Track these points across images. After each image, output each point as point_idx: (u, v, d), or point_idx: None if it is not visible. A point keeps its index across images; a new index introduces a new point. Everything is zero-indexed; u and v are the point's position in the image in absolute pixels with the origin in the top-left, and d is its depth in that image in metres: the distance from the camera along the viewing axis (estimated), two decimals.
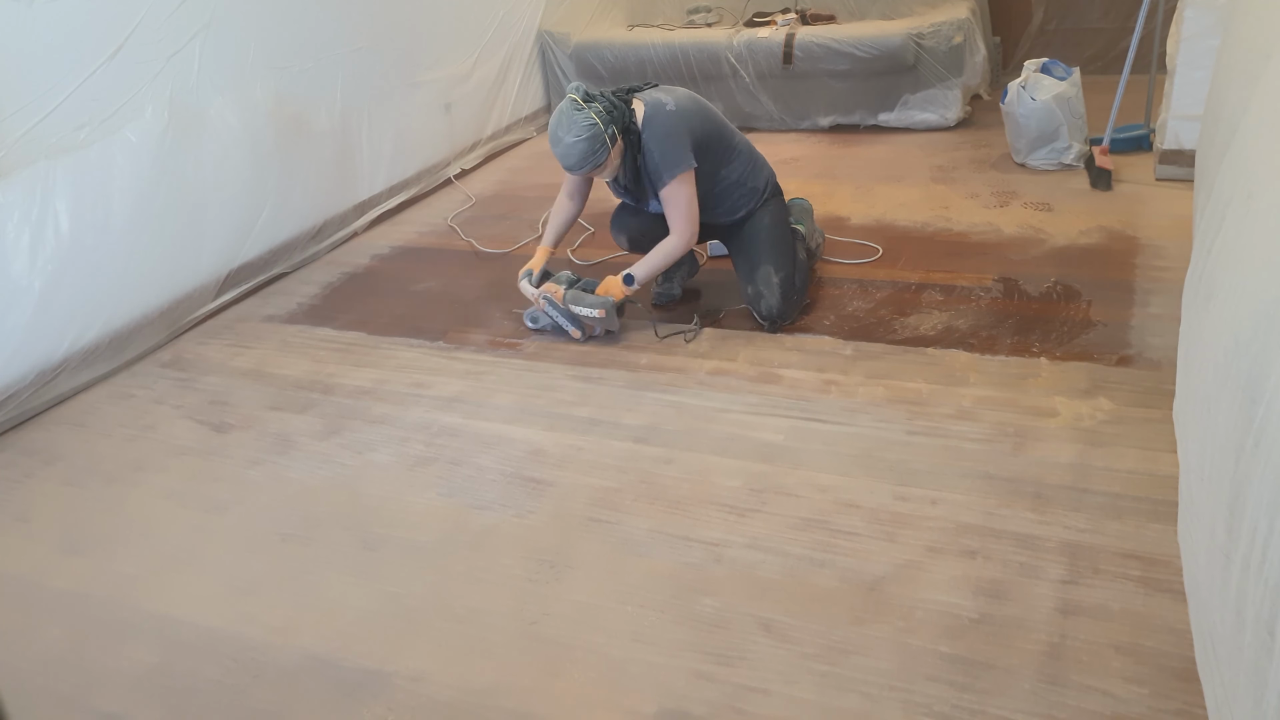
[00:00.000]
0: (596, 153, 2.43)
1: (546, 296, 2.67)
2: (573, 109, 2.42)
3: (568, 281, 2.70)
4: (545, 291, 2.68)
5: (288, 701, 1.60)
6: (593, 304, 2.62)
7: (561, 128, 2.43)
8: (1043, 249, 2.99)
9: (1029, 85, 3.51)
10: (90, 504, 2.20)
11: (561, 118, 2.44)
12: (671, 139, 2.51)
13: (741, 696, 1.52)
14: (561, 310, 2.66)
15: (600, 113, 2.42)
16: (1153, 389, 2.19)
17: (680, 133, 2.52)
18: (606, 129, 2.42)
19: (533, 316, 2.77)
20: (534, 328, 2.78)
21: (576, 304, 2.63)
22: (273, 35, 3.23)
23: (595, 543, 1.90)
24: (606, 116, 2.42)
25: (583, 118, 2.40)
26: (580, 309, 2.63)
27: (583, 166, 2.46)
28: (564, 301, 2.64)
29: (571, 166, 2.48)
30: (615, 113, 2.45)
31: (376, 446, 2.30)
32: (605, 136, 2.42)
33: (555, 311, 2.67)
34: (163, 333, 2.94)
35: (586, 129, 2.40)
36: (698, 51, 4.51)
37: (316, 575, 1.90)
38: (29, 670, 1.73)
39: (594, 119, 2.40)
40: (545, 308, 2.69)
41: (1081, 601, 1.62)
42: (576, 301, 2.63)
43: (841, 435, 2.16)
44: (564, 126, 2.43)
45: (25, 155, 2.50)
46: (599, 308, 2.61)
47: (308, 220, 3.48)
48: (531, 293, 2.72)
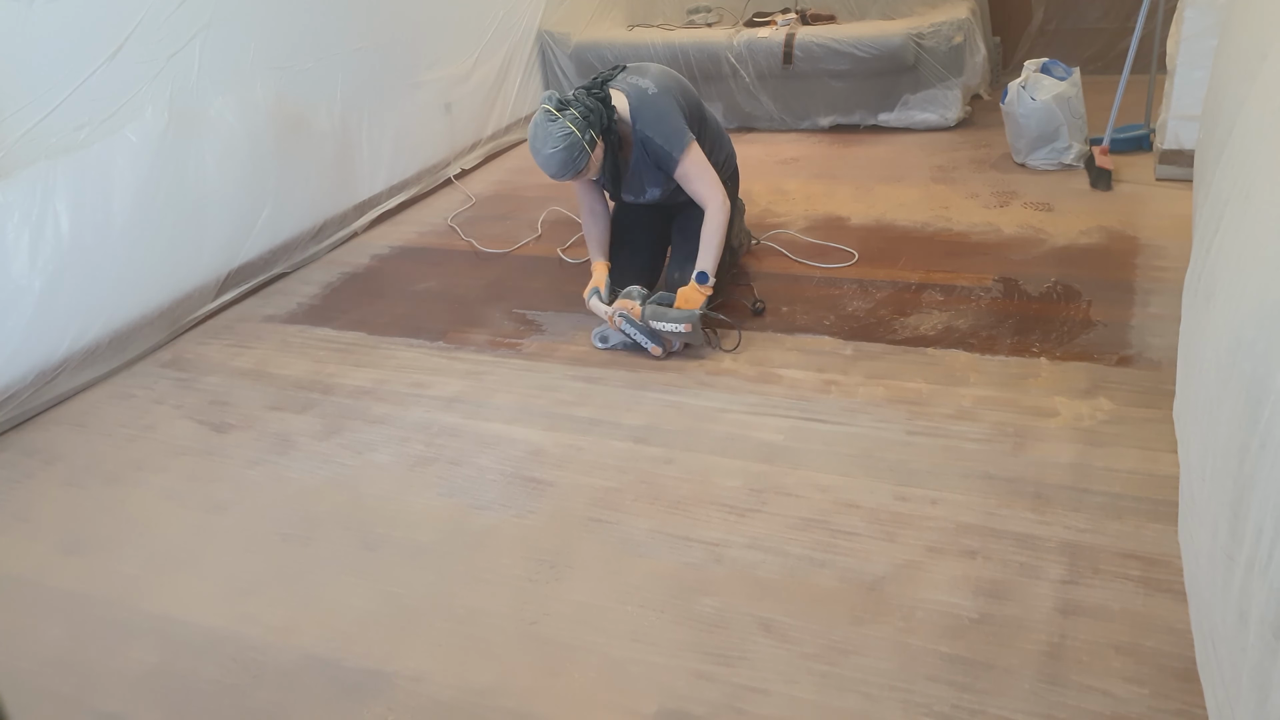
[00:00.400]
0: (576, 160, 2.44)
1: (623, 314, 2.55)
2: (547, 120, 2.43)
3: (640, 297, 2.59)
4: (620, 309, 2.56)
5: (288, 701, 1.60)
6: (677, 319, 2.51)
7: (538, 140, 2.44)
8: (1043, 249, 2.99)
9: (1029, 85, 3.51)
10: (90, 504, 2.20)
11: (537, 130, 2.45)
12: (666, 119, 2.53)
13: (741, 696, 1.52)
14: (640, 327, 2.54)
15: (575, 119, 2.42)
16: (1153, 389, 2.18)
17: (672, 110, 2.55)
18: (584, 135, 2.42)
19: (602, 336, 2.67)
20: (604, 347, 2.66)
21: (658, 319, 2.52)
22: (273, 35, 3.23)
23: (595, 543, 1.90)
24: (583, 122, 2.43)
25: (557, 127, 2.41)
26: (663, 325, 2.52)
27: (564, 174, 2.47)
28: (643, 318, 2.53)
29: (553, 175, 2.49)
30: (592, 116, 2.45)
31: (376, 446, 2.30)
32: (583, 143, 2.42)
33: (633, 329, 2.55)
34: (163, 333, 2.94)
35: (563, 138, 2.41)
36: (698, 51, 4.51)
37: (316, 575, 1.90)
38: (29, 670, 1.73)
39: (569, 127, 2.41)
40: (621, 325, 2.56)
41: (1081, 601, 1.62)
42: (658, 317, 2.52)
43: (841, 435, 2.16)
44: (540, 138, 2.44)
45: (25, 155, 2.50)
46: (685, 322, 2.50)
47: (308, 220, 3.48)
48: (604, 311, 2.61)
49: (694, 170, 2.55)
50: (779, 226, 3.37)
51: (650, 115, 2.52)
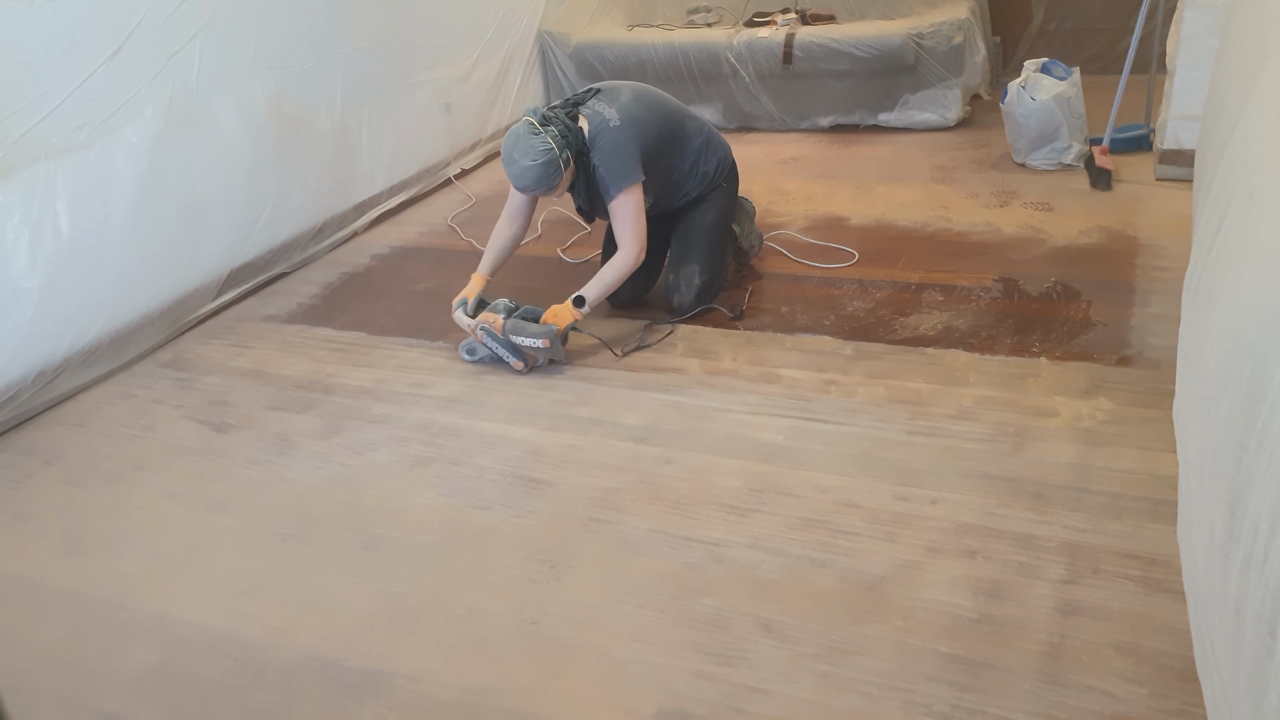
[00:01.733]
0: (550, 176, 2.46)
1: (484, 327, 2.52)
2: (530, 132, 2.44)
3: (505, 310, 2.56)
4: (482, 321, 2.53)
5: (288, 701, 1.60)
6: (535, 333, 2.48)
7: (518, 150, 2.45)
8: (1043, 249, 2.99)
9: (1029, 85, 3.51)
10: (90, 504, 2.20)
11: (518, 141, 2.45)
12: (615, 154, 2.53)
13: (741, 696, 1.52)
14: (501, 341, 2.51)
15: (556, 137, 2.44)
16: (1153, 389, 2.18)
17: (626, 147, 2.53)
18: (561, 153, 2.45)
19: (469, 348, 2.63)
20: (470, 360, 2.62)
21: (518, 334, 2.49)
22: (272, 35, 3.23)
23: (595, 543, 1.90)
24: (562, 141, 2.45)
25: (539, 141, 2.43)
26: (522, 339, 2.49)
27: (536, 188, 2.50)
28: (504, 332, 2.50)
29: (525, 188, 2.51)
30: (570, 136, 2.48)
31: (376, 446, 2.30)
32: (560, 161, 2.45)
33: (494, 343, 2.52)
34: (163, 333, 2.94)
35: (543, 153, 2.42)
36: (698, 51, 4.51)
37: (316, 575, 1.90)
38: (29, 670, 1.73)
39: (550, 144, 2.43)
40: (484, 339, 2.54)
41: (1081, 601, 1.62)
42: (518, 331, 2.49)
43: (841, 435, 2.16)
44: (520, 149, 2.44)
45: (25, 155, 2.50)
46: (542, 337, 2.48)
47: (308, 220, 3.48)
48: (467, 323, 2.59)
49: (624, 211, 2.55)
50: (779, 226, 3.37)
51: (604, 147, 2.53)
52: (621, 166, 2.53)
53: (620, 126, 2.54)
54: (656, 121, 2.65)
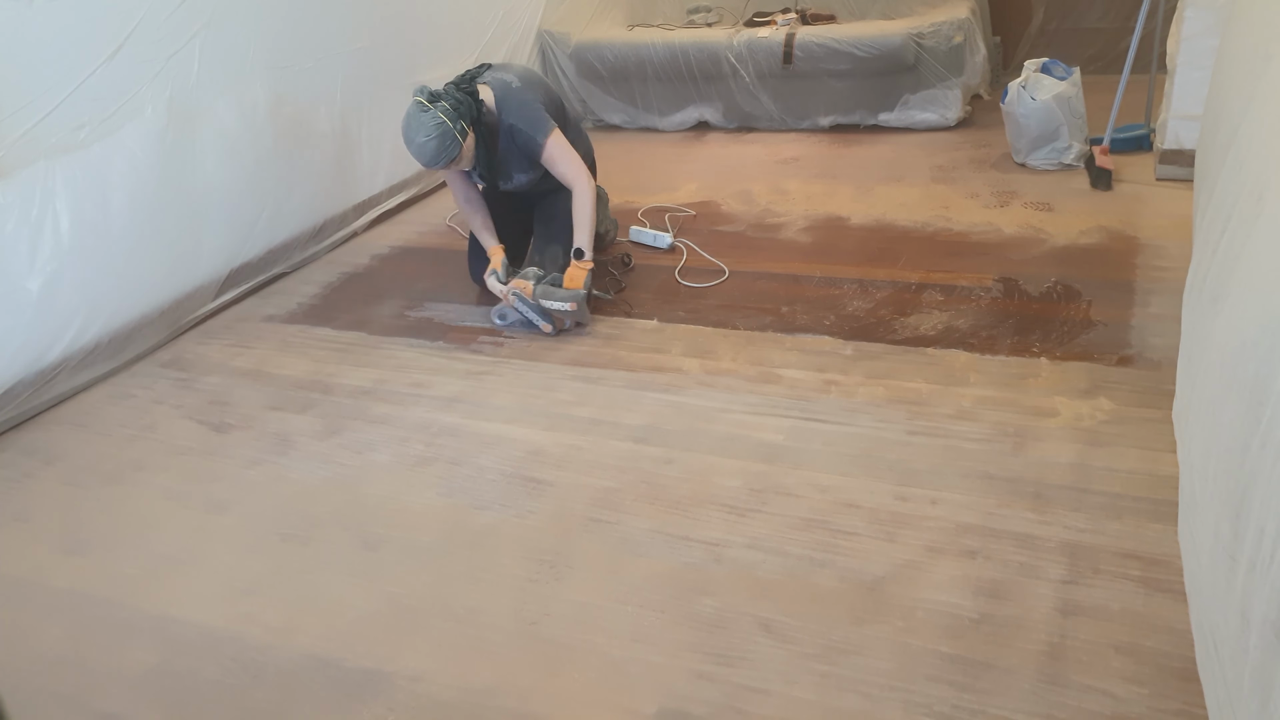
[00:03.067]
0: (448, 148, 2.56)
1: (516, 292, 2.70)
2: (419, 110, 2.55)
3: (535, 277, 2.73)
4: (514, 288, 2.71)
5: (288, 701, 1.60)
6: (564, 297, 2.67)
7: (411, 129, 2.56)
8: (1043, 249, 2.99)
9: (1029, 85, 3.51)
10: (90, 504, 2.20)
11: (410, 120, 2.56)
12: (528, 108, 2.72)
13: (741, 696, 1.52)
14: (532, 305, 2.69)
15: (447, 110, 2.55)
16: (1153, 389, 2.18)
17: (534, 101, 2.74)
18: (455, 124, 2.55)
19: (501, 314, 2.81)
20: (502, 324, 2.82)
21: (547, 298, 2.68)
22: (273, 35, 3.23)
23: (595, 543, 1.90)
24: (454, 113, 2.56)
25: (429, 117, 2.53)
26: (551, 303, 2.68)
27: (437, 162, 2.59)
28: (534, 296, 2.68)
29: (427, 163, 2.61)
30: (462, 108, 2.59)
31: (376, 446, 2.30)
32: (455, 132, 2.55)
33: (525, 307, 2.70)
34: (163, 333, 2.94)
35: (435, 128, 2.53)
36: (698, 51, 4.50)
37: (316, 575, 1.90)
38: (29, 670, 1.73)
39: (441, 117, 2.53)
40: (515, 303, 2.72)
41: (1081, 601, 1.62)
42: (547, 296, 2.68)
43: (841, 435, 2.16)
44: (413, 128, 2.55)
45: (25, 155, 2.49)
46: (570, 300, 2.67)
47: (308, 220, 3.48)
48: (500, 289, 2.77)
49: (558, 153, 2.72)
50: (779, 226, 3.38)
51: (514, 104, 2.70)
52: (537, 116, 2.72)
53: (522, 86, 2.75)
54: (546, 89, 2.88)
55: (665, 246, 3.26)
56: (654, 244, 3.29)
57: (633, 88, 4.74)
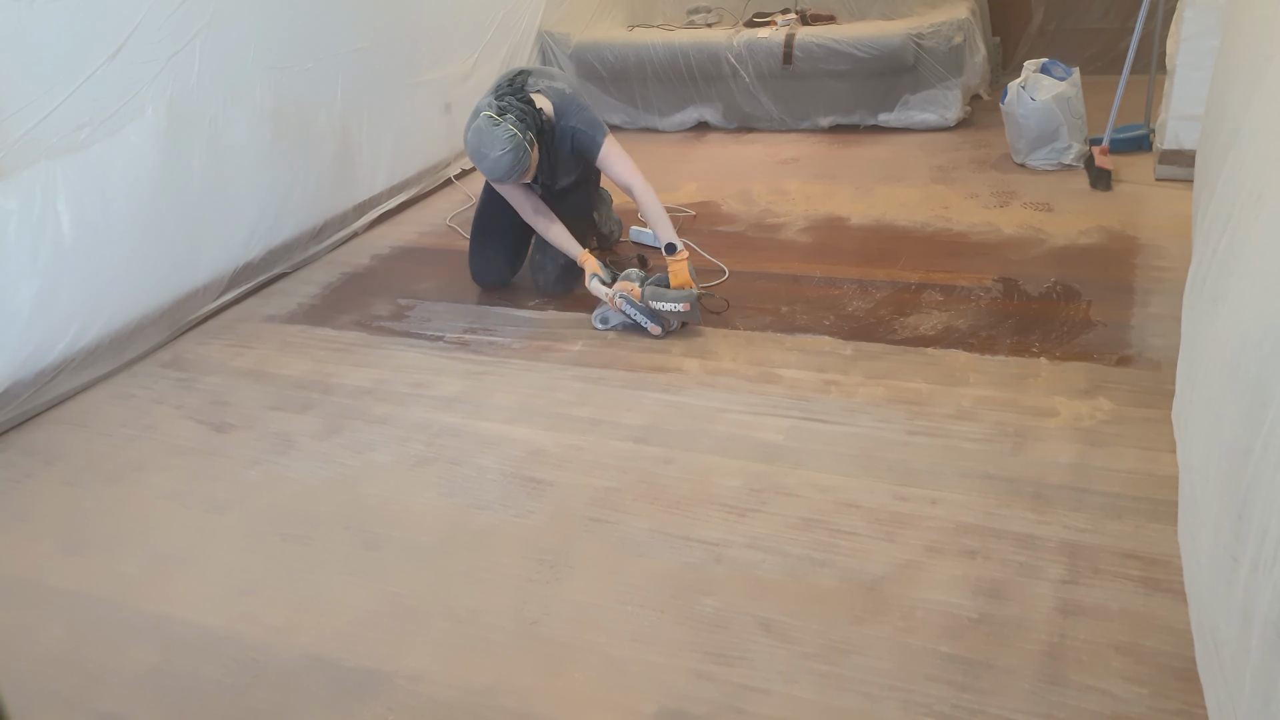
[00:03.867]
0: (521, 161, 2.57)
1: (624, 295, 2.67)
2: (491, 125, 2.56)
3: (638, 278, 2.72)
4: (621, 290, 2.68)
5: (288, 701, 1.60)
6: (677, 299, 2.63)
7: (485, 144, 2.56)
8: (1043, 249, 2.99)
9: (1029, 85, 3.51)
10: (90, 504, 2.20)
11: (483, 135, 2.56)
12: (586, 111, 2.77)
13: (741, 696, 1.52)
14: (640, 307, 2.66)
15: (516, 123, 2.56)
16: (1153, 389, 2.18)
17: (587, 105, 2.80)
18: (525, 136, 2.56)
19: (603, 317, 2.78)
20: (604, 328, 2.78)
21: (658, 300, 2.64)
22: (273, 35, 3.23)
23: (595, 543, 1.90)
24: (522, 125, 2.57)
25: (502, 131, 2.54)
26: (663, 305, 2.64)
27: (511, 175, 2.61)
28: (643, 299, 2.65)
29: (500, 178, 2.63)
30: (528, 119, 2.60)
31: (377, 446, 2.30)
32: (525, 144, 2.56)
33: (633, 310, 2.67)
34: (163, 333, 2.94)
35: (508, 140, 2.53)
36: (698, 51, 4.51)
37: (316, 575, 1.90)
38: (29, 670, 1.73)
39: (513, 129, 2.54)
40: (622, 306, 2.68)
41: (1081, 601, 1.62)
42: (657, 298, 2.64)
43: (841, 435, 2.16)
44: (486, 143, 2.56)
45: (25, 155, 2.49)
46: (684, 301, 2.63)
47: (308, 220, 3.47)
48: (605, 293, 2.73)
49: (614, 153, 2.77)
50: (779, 226, 3.38)
51: (574, 109, 2.74)
52: (595, 120, 2.77)
53: (575, 92, 2.80)
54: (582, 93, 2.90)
55: None
56: (654, 244, 3.28)
57: (633, 88, 4.75)
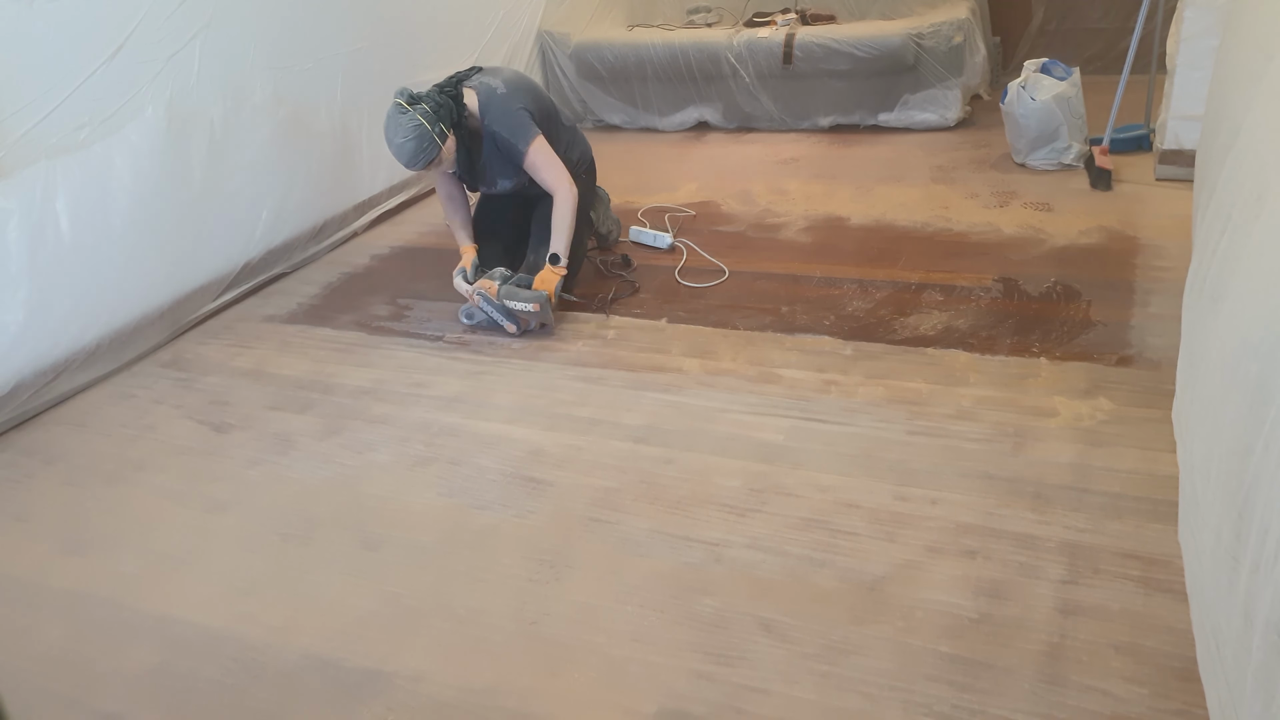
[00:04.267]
0: (426, 150, 2.58)
1: (481, 292, 2.73)
2: (398, 112, 2.58)
3: (501, 277, 2.76)
4: (480, 288, 2.74)
5: (288, 701, 1.60)
6: (527, 298, 2.68)
7: (389, 130, 2.59)
8: (1043, 249, 2.99)
9: (1029, 85, 3.51)
10: (90, 504, 2.20)
11: (389, 121, 2.59)
12: (511, 115, 2.73)
13: (741, 696, 1.52)
14: (497, 306, 2.71)
15: (426, 113, 2.57)
16: (1153, 389, 2.18)
17: (517, 108, 2.74)
18: (434, 127, 2.57)
19: (468, 313, 2.84)
20: (469, 324, 2.84)
21: (511, 299, 2.70)
22: (272, 35, 3.23)
23: (595, 543, 1.90)
24: (433, 115, 2.58)
25: (408, 119, 2.56)
26: (515, 304, 2.70)
27: (415, 164, 2.61)
28: (499, 297, 2.70)
29: (405, 164, 2.63)
30: (442, 111, 2.61)
31: (376, 446, 2.30)
32: (433, 135, 2.58)
33: (490, 307, 2.72)
34: (163, 333, 2.94)
35: (412, 130, 2.56)
36: (698, 51, 4.51)
37: (316, 575, 1.90)
38: (29, 670, 1.73)
39: (419, 119, 2.56)
40: (480, 303, 2.74)
41: (1081, 601, 1.62)
42: (511, 297, 2.70)
43: (841, 435, 2.16)
44: (391, 129, 2.59)
45: (25, 155, 2.49)
46: (534, 301, 2.68)
47: (308, 220, 3.48)
48: (466, 289, 2.80)
49: (540, 160, 2.74)
50: (779, 226, 3.38)
51: (497, 111, 2.71)
52: (519, 124, 2.72)
53: (508, 93, 2.75)
54: (535, 94, 2.87)
55: (665, 247, 3.26)
56: (654, 244, 3.29)
57: (633, 88, 4.75)
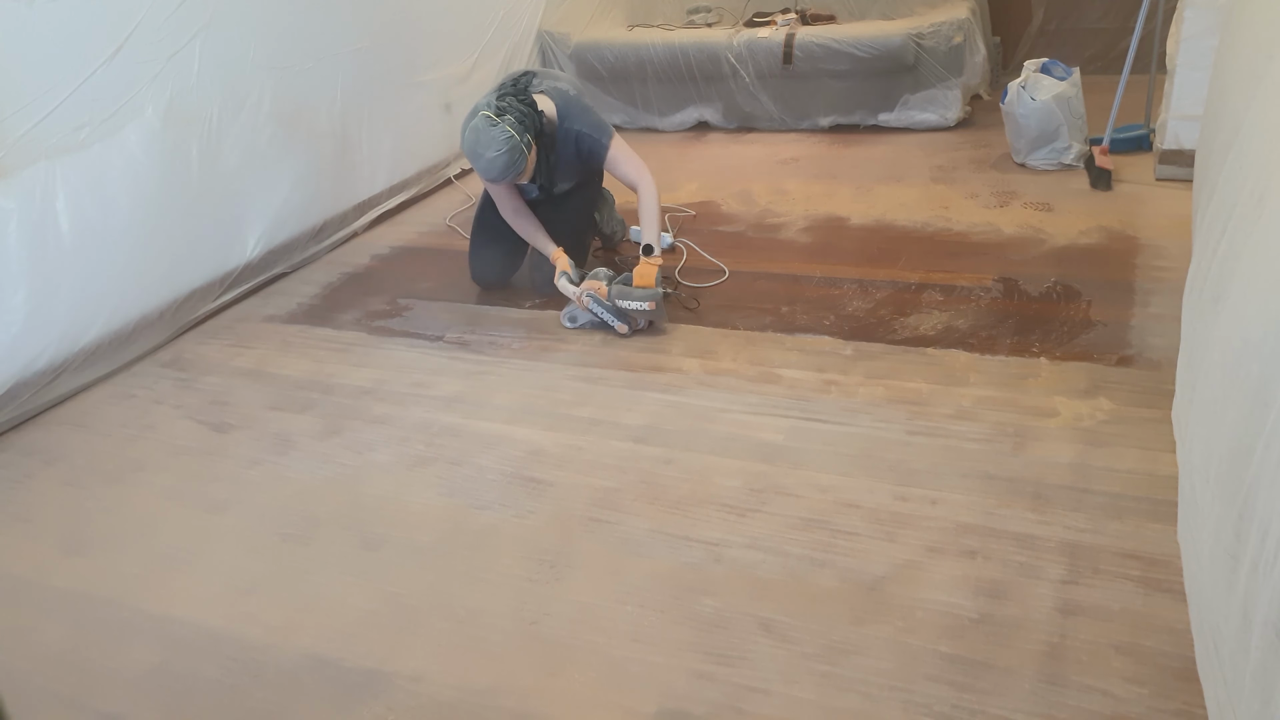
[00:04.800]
0: (517, 162, 2.58)
1: (591, 294, 2.69)
2: (488, 125, 2.56)
3: (606, 278, 2.73)
4: (588, 289, 2.70)
5: (288, 701, 1.60)
6: (642, 297, 2.64)
7: (481, 144, 2.57)
8: (1043, 249, 2.99)
9: (1029, 85, 3.51)
10: (90, 504, 2.20)
11: (479, 135, 2.57)
12: (590, 113, 2.78)
13: (741, 696, 1.52)
14: (608, 306, 2.67)
15: (514, 124, 2.56)
16: (1153, 389, 2.18)
17: (590, 107, 2.81)
18: (522, 139, 2.57)
19: (571, 316, 2.80)
20: (572, 326, 2.80)
21: (624, 299, 2.65)
22: (273, 35, 3.23)
23: (595, 543, 1.90)
24: (520, 126, 2.57)
25: (499, 132, 2.55)
26: (629, 304, 2.66)
27: (505, 176, 2.62)
28: (610, 298, 2.67)
29: (494, 177, 2.64)
30: (527, 120, 2.60)
31: (376, 446, 2.30)
32: (522, 146, 2.57)
33: (601, 308, 2.69)
34: (163, 333, 2.94)
35: (505, 142, 2.54)
36: (698, 51, 4.51)
37: (316, 575, 1.90)
38: (29, 670, 1.73)
39: (510, 131, 2.55)
40: (590, 305, 2.70)
41: (1081, 601, 1.62)
42: (624, 297, 2.65)
43: (841, 435, 2.16)
44: (482, 143, 2.56)
45: (25, 155, 2.49)
46: (649, 300, 2.64)
47: (308, 220, 3.48)
48: (573, 292, 2.74)
49: (622, 155, 2.78)
50: (779, 226, 3.38)
51: (578, 111, 2.75)
52: (600, 121, 2.78)
53: (580, 93, 2.82)
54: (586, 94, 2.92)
55: (665, 246, 3.26)
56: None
57: (633, 88, 4.75)
